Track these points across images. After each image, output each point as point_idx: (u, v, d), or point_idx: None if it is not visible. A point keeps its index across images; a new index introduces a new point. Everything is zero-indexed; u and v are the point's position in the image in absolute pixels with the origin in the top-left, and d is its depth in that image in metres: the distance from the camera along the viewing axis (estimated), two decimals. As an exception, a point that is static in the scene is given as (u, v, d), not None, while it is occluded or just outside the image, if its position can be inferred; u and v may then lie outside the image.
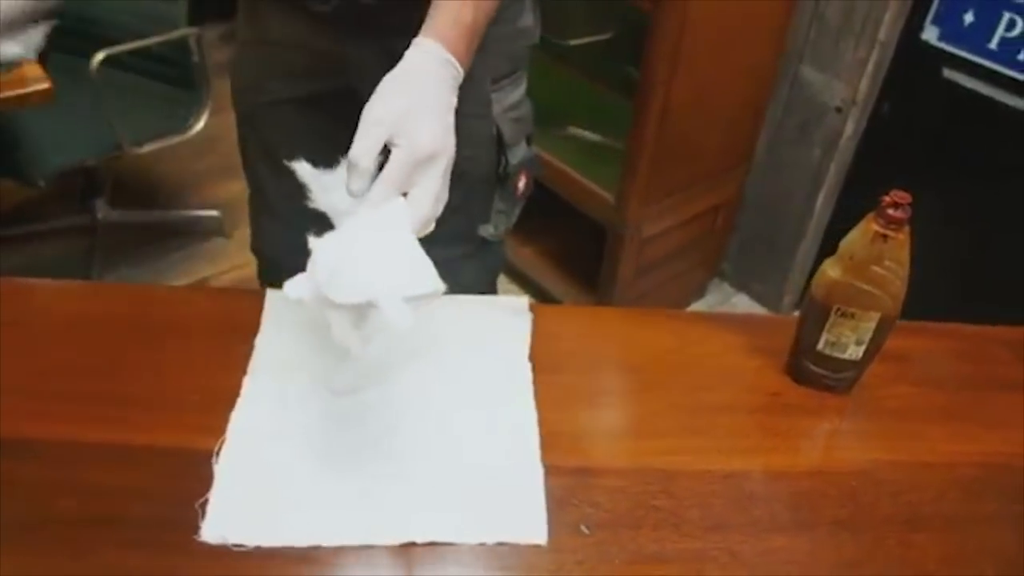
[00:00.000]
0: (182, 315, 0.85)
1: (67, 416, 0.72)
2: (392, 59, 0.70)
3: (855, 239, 0.75)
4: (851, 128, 1.79)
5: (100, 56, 1.58)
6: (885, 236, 0.72)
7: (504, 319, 0.87)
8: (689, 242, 2.04)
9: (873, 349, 0.80)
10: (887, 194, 0.72)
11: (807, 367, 0.83)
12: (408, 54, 0.71)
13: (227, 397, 0.75)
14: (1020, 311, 0.94)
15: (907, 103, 1.73)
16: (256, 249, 1.17)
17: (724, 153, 1.91)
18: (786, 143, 1.94)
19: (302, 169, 0.69)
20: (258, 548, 0.63)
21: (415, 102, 0.67)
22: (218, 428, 0.72)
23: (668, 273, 2.07)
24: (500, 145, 0.96)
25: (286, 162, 0.69)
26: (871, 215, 0.74)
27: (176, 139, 1.79)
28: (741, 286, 2.27)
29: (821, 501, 0.73)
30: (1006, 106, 1.58)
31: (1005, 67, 1.55)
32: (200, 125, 1.82)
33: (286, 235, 1.10)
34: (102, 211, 2.06)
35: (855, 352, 0.80)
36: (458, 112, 0.71)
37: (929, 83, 1.67)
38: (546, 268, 2.08)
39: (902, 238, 0.73)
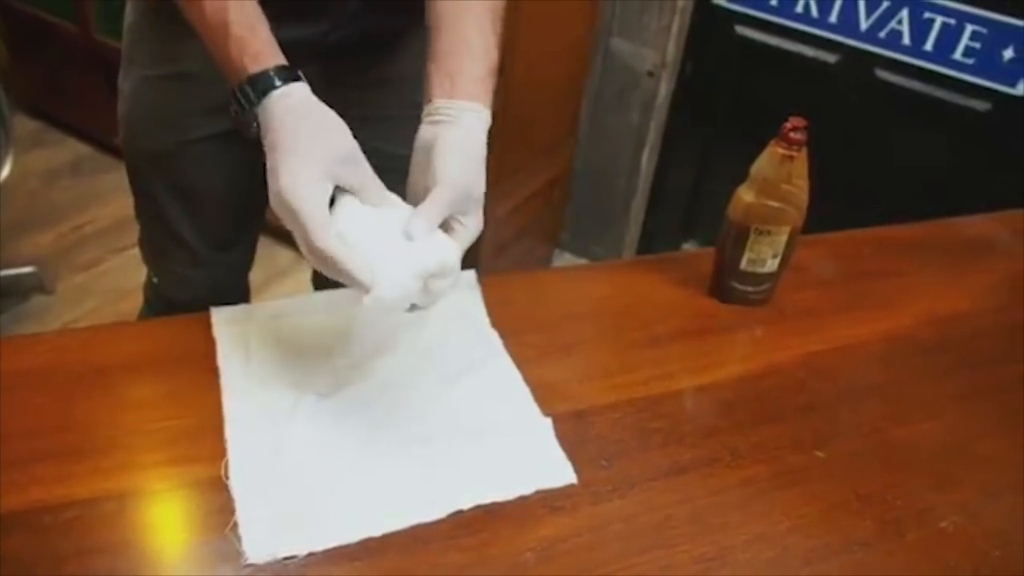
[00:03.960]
0: (125, 353, 0.79)
1: (49, 479, 0.66)
2: (332, 81, 0.67)
3: (764, 164, 0.86)
4: (664, 90, 1.97)
5: None
6: (791, 157, 0.84)
7: (457, 294, 0.89)
8: (532, 218, 2.14)
9: (786, 259, 0.91)
10: (786, 121, 0.83)
11: (732, 286, 0.93)
12: (467, 121, 0.73)
13: (210, 423, 0.72)
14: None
15: (707, 61, 1.93)
16: (170, 299, 1.09)
17: (554, 127, 2.02)
18: (607, 111, 2.09)
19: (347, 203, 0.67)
20: (311, 555, 0.62)
21: (475, 180, 0.72)
22: (214, 454, 0.69)
23: (519, 251, 2.15)
24: None
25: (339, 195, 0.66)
26: (774, 141, 0.84)
27: (-18, 191, 1.60)
28: (582, 252, 2.40)
29: (782, 394, 0.83)
30: (790, 53, 1.81)
31: (786, 19, 1.78)
32: (6, 171, 1.64)
33: (203, 274, 1.04)
34: None
35: (772, 265, 0.91)
36: (402, 116, 0.72)
37: (724, 41, 1.87)
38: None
39: (802, 157, 0.84)
